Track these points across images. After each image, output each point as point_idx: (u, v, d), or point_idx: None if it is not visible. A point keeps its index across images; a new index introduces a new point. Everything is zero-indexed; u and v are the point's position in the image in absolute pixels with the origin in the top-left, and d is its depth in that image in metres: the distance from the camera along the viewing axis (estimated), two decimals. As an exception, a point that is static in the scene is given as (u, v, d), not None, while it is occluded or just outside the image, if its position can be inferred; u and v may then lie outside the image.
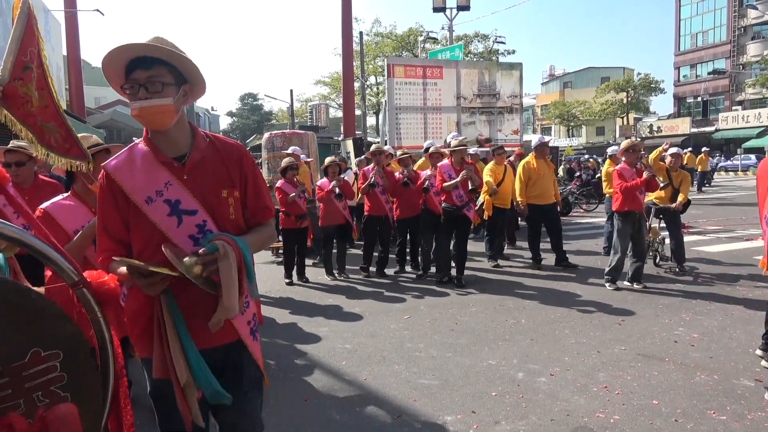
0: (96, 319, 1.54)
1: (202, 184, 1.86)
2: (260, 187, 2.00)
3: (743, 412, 3.34)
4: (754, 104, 38.04)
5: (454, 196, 6.67)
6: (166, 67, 1.78)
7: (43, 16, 15.17)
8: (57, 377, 1.37)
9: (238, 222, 1.93)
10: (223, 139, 1.99)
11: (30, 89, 2.17)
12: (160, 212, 1.79)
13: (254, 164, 2.00)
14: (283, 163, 7.28)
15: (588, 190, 15.62)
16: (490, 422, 3.32)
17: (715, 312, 5.45)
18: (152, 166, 1.83)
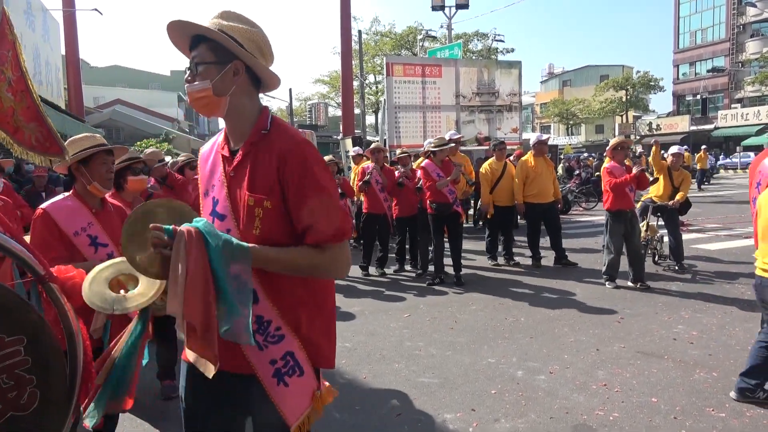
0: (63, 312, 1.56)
1: (240, 186, 1.61)
2: (307, 197, 1.54)
3: (742, 410, 3.35)
4: (753, 102, 38.05)
5: (446, 192, 6.70)
6: (207, 44, 1.59)
7: (42, 16, 15.15)
8: (21, 361, 1.40)
9: (268, 237, 1.56)
10: (284, 131, 1.64)
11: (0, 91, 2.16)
12: (204, 211, 1.73)
13: (306, 167, 1.55)
14: None
15: (587, 188, 15.64)
16: (489, 420, 3.33)
17: (713, 310, 5.47)
18: (216, 156, 1.73)
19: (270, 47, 1.69)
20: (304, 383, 1.64)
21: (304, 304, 1.64)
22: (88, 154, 2.60)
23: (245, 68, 1.61)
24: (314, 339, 1.65)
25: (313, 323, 1.65)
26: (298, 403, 1.64)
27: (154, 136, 25.34)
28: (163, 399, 3.74)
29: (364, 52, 29.29)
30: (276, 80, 1.71)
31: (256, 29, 1.64)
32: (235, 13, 1.65)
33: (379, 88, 32.39)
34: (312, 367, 1.65)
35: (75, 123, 13.14)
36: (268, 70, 1.65)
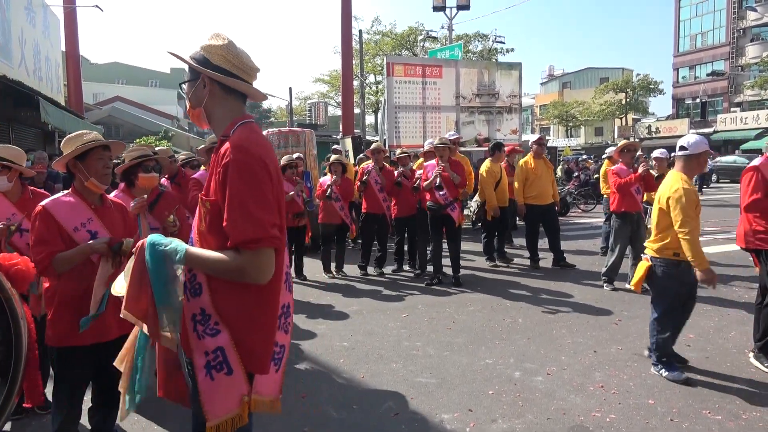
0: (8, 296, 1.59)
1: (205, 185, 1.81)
2: (227, 202, 1.65)
3: (738, 412, 3.37)
4: (753, 106, 38.08)
5: (437, 194, 6.69)
6: (188, 65, 1.84)
7: (42, 12, 15.12)
8: None
9: (208, 234, 1.73)
10: (233, 137, 1.75)
11: None
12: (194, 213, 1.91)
13: (238, 170, 1.66)
14: (282, 161, 7.30)
15: (586, 191, 15.67)
16: (486, 420, 3.33)
17: (711, 313, 5.48)
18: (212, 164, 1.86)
19: (241, 59, 1.82)
20: (230, 383, 1.71)
21: (243, 306, 1.72)
22: (83, 150, 2.60)
23: (212, 81, 1.80)
24: (248, 342, 1.73)
25: (249, 326, 1.73)
26: (221, 402, 1.72)
27: (153, 133, 25.33)
28: (160, 396, 3.73)
29: (365, 51, 29.29)
30: (245, 86, 1.84)
31: (226, 44, 1.80)
32: (217, 33, 1.85)
33: (379, 88, 32.37)
34: (244, 372, 1.72)
35: (74, 119, 13.11)
36: (232, 80, 1.80)
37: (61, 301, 2.54)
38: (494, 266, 7.95)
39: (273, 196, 1.72)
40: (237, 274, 1.66)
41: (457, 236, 6.95)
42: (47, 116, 10.36)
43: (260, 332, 1.75)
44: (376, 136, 22.48)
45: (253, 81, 1.89)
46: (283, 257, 1.82)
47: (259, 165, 1.69)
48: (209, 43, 1.81)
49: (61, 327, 2.54)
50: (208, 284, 1.73)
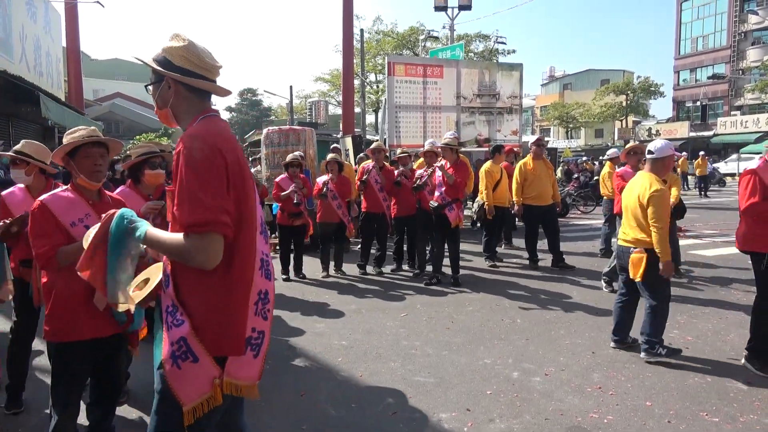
0: None
1: None
2: (182, 188, 1.71)
3: (735, 415, 3.37)
4: (753, 109, 38.12)
5: (437, 194, 6.72)
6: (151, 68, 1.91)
7: (43, 7, 15.11)
8: None
9: (174, 223, 1.78)
10: (190, 128, 1.84)
11: None
12: None
13: (186, 157, 1.71)
14: (287, 158, 7.29)
15: (586, 192, 15.68)
16: (484, 420, 3.34)
17: (709, 315, 5.49)
18: None
19: (202, 58, 1.88)
20: (199, 369, 1.76)
21: (207, 294, 1.78)
22: (70, 148, 2.61)
23: (176, 81, 1.86)
24: (214, 328, 1.78)
25: (214, 313, 1.78)
26: (192, 387, 1.77)
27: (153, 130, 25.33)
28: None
29: (366, 51, 29.27)
30: (208, 85, 1.91)
31: (186, 45, 1.86)
32: (176, 34, 1.91)
33: (380, 88, 32.37)
34: (211, 357, 1.77)
35: (74, 115, 13.11)
36: (196, 80, 1.87)
37: (59, 295, 2.54)
38: (492, 266, 7.99)
39: (228, 184, 1.75)
40: (185, 256, 1.70)
41: (456, 237, 6.95)
42: (47, 112, 10.36)
43: (228, 318, 1.79)
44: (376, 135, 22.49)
45: (215, 77, 1.95)
46: (254, 244, 1.86)
47: (209, 152, 1.72)
48: (170, 45, 1.87)
49: (58, 322, 2.54)
50: (174, 277, 1.81)
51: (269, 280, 1.96)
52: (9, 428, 3.31)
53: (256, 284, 1.87)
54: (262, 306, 1.90)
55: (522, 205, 7.84)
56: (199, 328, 1.76)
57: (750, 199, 3.97)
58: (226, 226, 1.71)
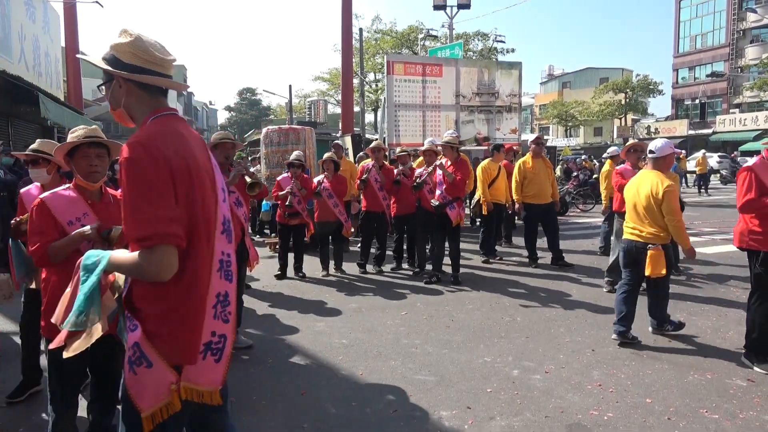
0: None
1: None
2: (125, 202, 1.63)
3: (735, 411, 3.38)
4: (752, 107, 38.14)
5: (437, 192, 6.74)
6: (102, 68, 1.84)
7: (42, 7, 15.09)
8: None
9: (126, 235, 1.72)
10: (135, 134, 1.75)
11: None
12: None
13: (126, 168, 1.63)
14: (291, 157, 7.29)
15: (585, 190, 15.70)
16: (485, 418, 3.35)
17: (708, 312, 5.50)
18: None
19: (151, 52, 1.79)
20: (154, 375, 1.72)
21: (159, 299, 1.72)
22: (69, 148, 2.62)
23: (126, 80, 1.78)
24: (166, 334, 1.73)
25: (166, 319, 1.73)
26: (150, 393, 1.73)
27: (152, 130, 25.25)
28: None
29: (365, 50, 29.26)
30: (161, 80, 1.82)
31: (133, 40, 1.77)
32: (124, 30, 1.82)
33: (379, 86, 32.36)
34: (166, 363, 1.73)
35: (74, 115, 13.10)
36: (146, 76, 1.78)
37: (53, 292, 2.54)
38: (485, 262, 8.09)
39: (175, 190, 1.67)
40: (139, 272, 1.65)
41: (457, 235, 6.96)
42: (47, 112, 10.36)
43: (181, 324, 1.74)
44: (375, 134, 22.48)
45: (169, 72, 1.86)
46: (210, 247, 1.80)
47: (150, 160, 1.64)
48: (117, 41, 1.79)
49: None
50: (129, 282, 1.79)
51: (229, 281, 1.90)
52: (9, 427, 3.32)
53: (213, 287, 1.81)
54: (221, 309, 1.85)
55: (521, 203, 7.88)
56: (151, 334, 1.72)
57: (746, 196, 3.99)
58: (175, 236, 1.64)
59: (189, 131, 1.89)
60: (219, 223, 1.86)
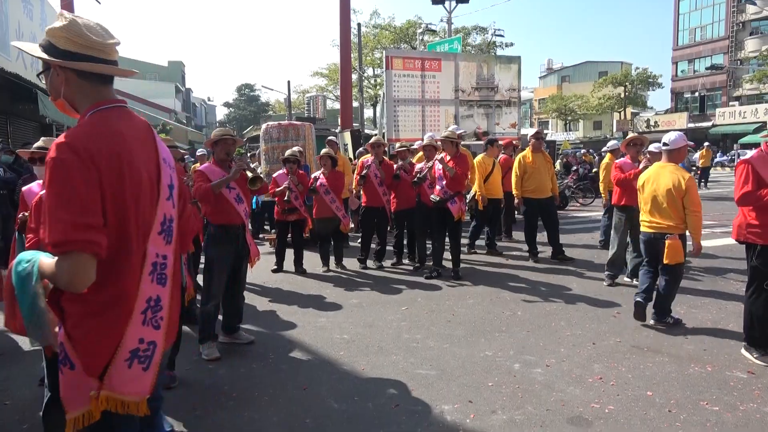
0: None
1: None
2: (45, 200, 1.54)
3: (735, 403, 3.40)
4: (751, 100, 38.09)
5: (438, 187, 6.74)
6: None
7: (39, 4, 15.05)
8: None
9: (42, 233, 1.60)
10: (68, 131, 1.65)
11: None
12: None
13: (49, 169, 1.54)
14: (286, 154, 7.30)
15: (584, 184, 15.69)
16: (486, 411, 3.36)
17: (709, 305, 5.51)
18: None
19: (87, 37, 1.67)
20: (76, 378, 1.66)
21: (73, 302, 1.65)
22: None
23: (62, 68, 1.67)
24: (81, 338, 1.65)
25: (81, 322, 1.65)
26: (74, 396, 1.67)
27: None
28: (162, 389, 3.76)
29: (363, 45, 29.19)
30: (99, 67, 1.69)
31: (67, 24, 1.66)
32: (60, 13, 1.72)
33: (378, 82, 32.30)
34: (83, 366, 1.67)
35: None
36: (82, 63, 1.67)
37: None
38: (473, 253, 8.32)
39: (102, 193, 1.58)
40: (56, 279, 1.56)
41: (458, 230, 6.96)
42: (45, 109, 10.35)
43: (98, 328, 1.65)
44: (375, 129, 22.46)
45: (111, 57, 1.73)
46: (140, 251, 1.72)
47: (74, 162, 1.53)
48: (52, 26, 1.68)
49: None
50: None
51: (162, 285, 1.80)
52: (11, 426, 3.33)
53: (144, 292, 1.72)
54: (152, 314, 1.75)
55: (521, 198, 7.89)
56: (69, 335, 1.65)
57: (744, 188, 4.00)
58: (92, 243, 1.52)
59: (131, 125, 1.77)
60: (157, 222, 1.77)
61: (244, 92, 72.71)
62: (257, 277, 7.04)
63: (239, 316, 4.72)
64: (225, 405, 3.53)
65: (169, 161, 1.91)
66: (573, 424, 3.18)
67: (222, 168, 4.44)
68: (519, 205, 8.01)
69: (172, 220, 1.86)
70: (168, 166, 1.88)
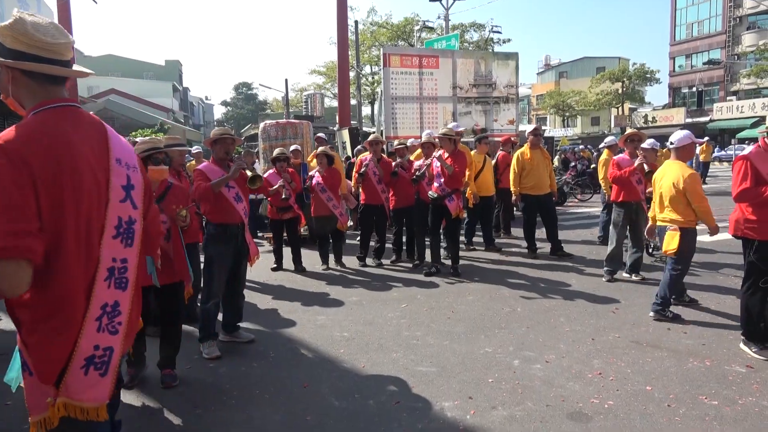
0: None
1: None
2: None
3: (734, 397, 3.41)
4: (749, 95, 38.11)
5: (435, 185, 6.75)
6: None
7: (36, 3, 15.03)
8: None
9: None
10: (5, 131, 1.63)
11: None
12: None
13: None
14: (274, 153, 7.31)
15: (583, 180, 15.71)
16: (487, 408, 3.37)
17: (707, 300, 5.53)
18: None
19: (33, 36, 1.64)
20: (34, 384, 1.67)
21: (23, 307, 1.63)
22: None
23: (9, 67, 1.65)
24: (33, 345, 1.64)
25: (32, 329, 1.63)
26: (35, 401, 1.67)
27: (148, 126, 25.24)
28: (163, 387, 3.77)
29: (361, 42, 29.16)
30: (46, 68, 1.66)
31: (12, 23, 1.65)
32: (14, 12, 1.71)
33: (376, 79, 32.29)
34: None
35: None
36: (27, 63, 1.64)
37: None
38: (472, 249, 8.36)
39: (37, 198, 1.54)
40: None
41: (456, 227, 6.97)
42: (43, 110, 10.30)
43: (47, 336, 1.62)
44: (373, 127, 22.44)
45: (61, 57, 1.69)
46: (90, 256, 1.69)
47: (7, 164, 1.50)
48: (2, 24, 1.66)
49: None
50: None
51: (122, 289, 1.77)
52: (12, 428, 3.34)
53: (98, 298, 1.70)
54: (108, 320, 1.73)
55: (519, 194, 7.90)
56: (23, 342, 1.65)
57: (742, 185, 4.01)
58: (27, 250, 1.48)
59: (78, 125, 1.73)
60: (111, 226, 1.74)
61: (242, 91, 72.58)
62: (258, 275, 7.05)
63: (239, 315, 4.73)
64: (226, 403, 3.54)
65: (126, 161, 1.85)
66: (573, 419, 3.20)
67: (221, 167, 4.44)
68: (517, 201, 8.02)
69: (132, 222, 1.81)
70: (124, 166, 1.83)
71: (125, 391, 3.69)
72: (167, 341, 3.87)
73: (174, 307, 3.85)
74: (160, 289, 3.60)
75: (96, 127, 1.81)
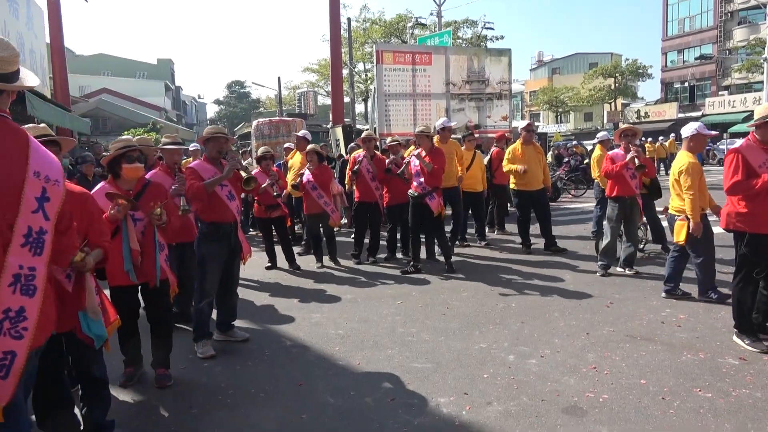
0: None
1: None
2: None
3: (728, 390, 3.43)
4: (741, 89, 38.25)
5: (415, 183, 6.71)
6: None
7: (25, 3, 14.86)
8: None
9: None
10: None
11: None
12: None
13: None
14: (258, 152, 7.28)
15: (576, 176, 15.73)
16: (482, 403, 3.38)
17: (701, 293, 5.55)
18: None
19: None
20: None
21: None
22: None
23: None
24: None
25: None
26: None
27: (141, 125, 25.14)
28: (157, 387, 3.76)
29: (354, 39, 29.09)
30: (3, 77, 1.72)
31: None
32: None
33: (369, 77, 32.21)
34: None
35: (61, 112, 12.97)
36: None
37: None
38: (466, 245, 8.37)
39: None
40: None
41: (439, 224, 6.89)
42: (33, 110, 10.25)
43: None
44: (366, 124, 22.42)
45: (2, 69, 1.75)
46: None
47: None
48: None
49: None
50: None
51: (29, 296, 1.83)
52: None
53: (1, 303, 1.76)
54: (11, 325, 1.79)
55: (513, 189, 7.94)
56: None
57: (733, 178, 4.03)
58: None
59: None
60: (20, 234, 1.79)
61: (235, 89, 72.30)
62: (252, 274, 7.03)
63: (233, 314, 4.71)
64: (221, 402, 3.53)
65: (47, 174, 1.90)
66: (568, 413, 3.21)
67: (214, 165, 4.41)
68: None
69: (42, 233, 1.86)
70: (42, 179, 1.87)
71: (120, 390, 3.68)
72: (158, 340, 3.85)
73: (159, 305, 3.81)
74: (144, 288, 3.59)
75: (17, 140, 1.85)
